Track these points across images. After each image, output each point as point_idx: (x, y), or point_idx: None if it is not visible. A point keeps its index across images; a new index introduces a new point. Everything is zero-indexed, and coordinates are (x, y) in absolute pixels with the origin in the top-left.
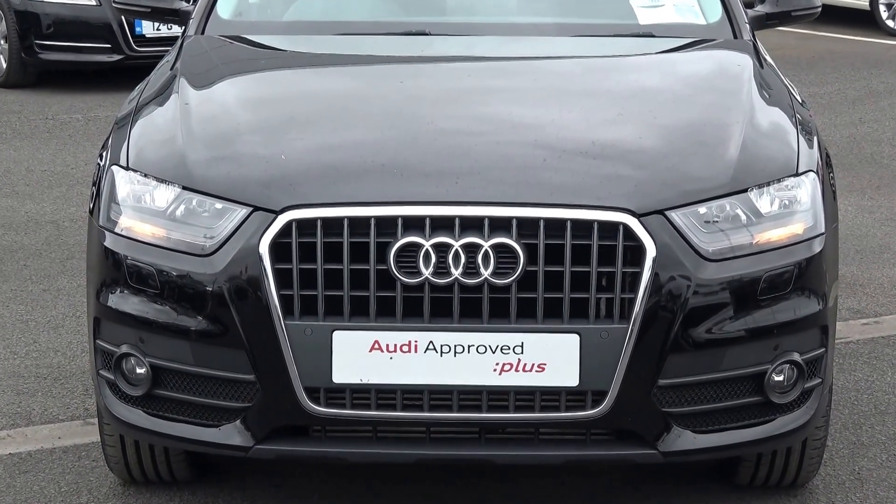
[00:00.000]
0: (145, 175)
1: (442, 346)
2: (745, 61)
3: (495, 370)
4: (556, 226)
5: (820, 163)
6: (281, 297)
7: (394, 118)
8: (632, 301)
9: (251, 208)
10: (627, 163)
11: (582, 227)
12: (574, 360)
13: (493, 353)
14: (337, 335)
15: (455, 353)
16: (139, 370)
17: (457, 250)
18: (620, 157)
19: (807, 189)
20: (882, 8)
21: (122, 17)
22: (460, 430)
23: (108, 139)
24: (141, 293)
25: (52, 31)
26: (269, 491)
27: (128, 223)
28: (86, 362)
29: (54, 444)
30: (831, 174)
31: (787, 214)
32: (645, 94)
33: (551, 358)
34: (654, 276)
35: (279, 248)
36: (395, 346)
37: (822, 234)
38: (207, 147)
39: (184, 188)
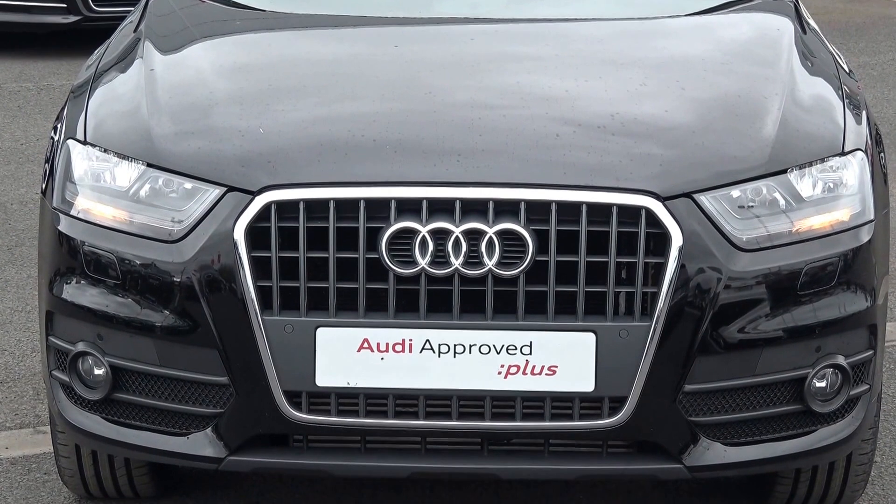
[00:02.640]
0: (105, 150)
1: (440, 345)
2: (786, 26)
3: (500, 373)
4: (569, 210)
5: (869, 141)
6: (258, 288)
7: (387, 88)
8: (655, 296)
9: (225, 188)
10: (651, 140)
11: (599, 211)
12: (589, 362)
13: (498, 353)
14: (321, 332)
15: (455, 353)
16: (97, 371)
17: (457, 237)
18: (643, 133)
19: (854, 170)
20: None
21: None
22: (460, 441)
23: (62, 110)
24: (100, 284)
25: None
26: None
27: (85, 205)
28: (37, 362)
29: (1, 455)
30: (882, 154)
31: (832, 199)
32: (672, 62)
33: (563, 359)
34: (681, 267)
35: (256, 234)
36: (387, 345)
37: (871, 221)
38: (175, 119)
39: (149, 165)
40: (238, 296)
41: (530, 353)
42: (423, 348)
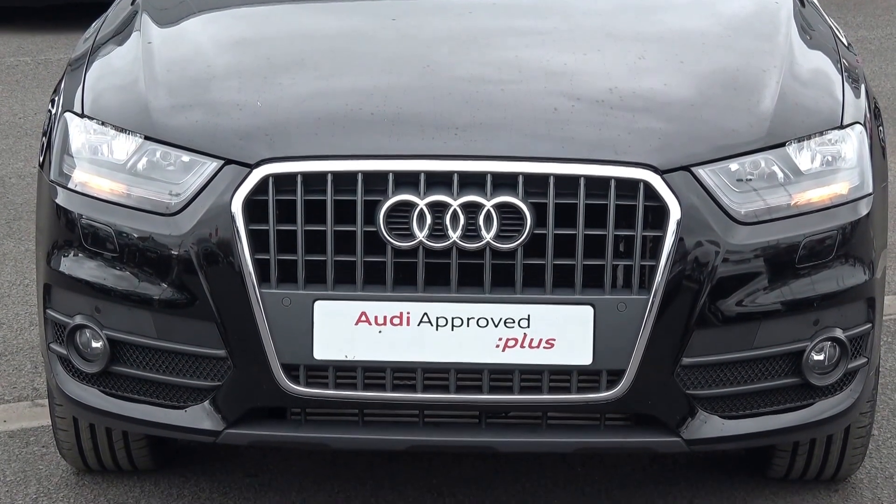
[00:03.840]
0: (103, 123)
1: (438, 318)
2: None
3: (498, 346)
4: (567, 183)
5: (868, 115)
6: (256, 262)
7: (385, 62)
8: (653, 269)
9: (222, 161)
10: (650, 113)
11: (597, 184)
12: (587, 335)
13: (496, 326)
14: (319, 306)
15: (452, 326)
16: (95, 344)
17: (455, 210)
18: (642, 106)
19: (852, 143)
20: None
21: None
22: (458, 414)
23: (60, 83)
24: (97, 257)
25: None
26: (241, 481)
27: (83, 178)
28: (35, 336)
29: None
30: (880, 127)
31: (830, 172)
32: (670, 36)
33: (561, 333)
34: (679, 240)
35: (254, 207)
36: (385, 318)
37: (870, 194)
38: (173, 92)
39: (146, 138)
40: (236, 269)
41: (528, 327)
42: (420, 321)
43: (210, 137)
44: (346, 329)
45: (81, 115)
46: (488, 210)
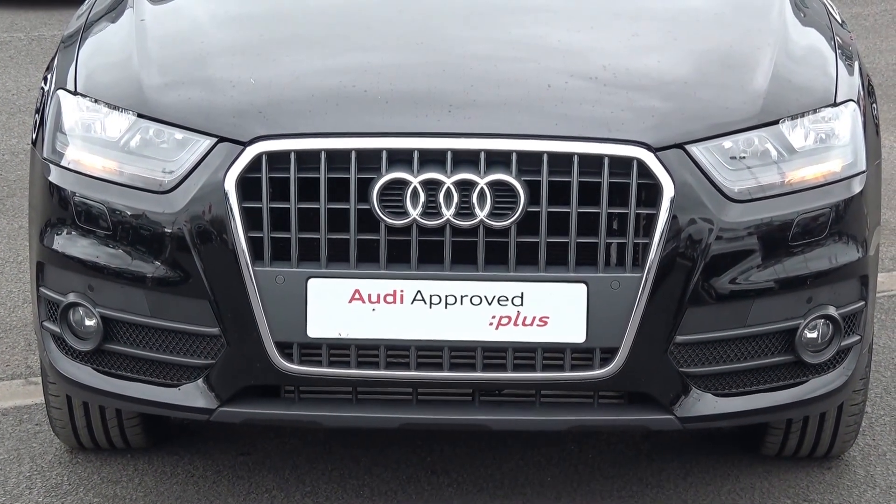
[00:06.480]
0: (96, 101)
1: (431, 296)
2: None
3: (491, 324)
4: (561, 161)
5: (861, 92)
6: (249, 239)
7: (379, 39)
8: (646, 246)
9: (216, 139)
10: (643, 91)
11: (591, 162)
12: (581, 312)
13: (490, 304)
14: (312, 283)
15: (446, 304)
16: (88, 322)
17: (448, 188)
18: (635, 84)
19: (846, 121)
20: None
21: None
22: (451, 392)
23: (53, 60)
24: (90, 235)
25: None
26: (235, 460)
27: (76, 155)
28: (28, 313)
29: None
30: (874, 105)
31: (824, 150)
32: (664, 14)
33: (555, 310)
34: (672, 218)
35: (247, 185)
36: (379, 296)
37: (863, 172)
38: (166, 69)
39: (139, 116)
40: (229, 246)
41: (522, 304)
42: (414, 299)
43: (203, 115)
44: (340, 307)
45: (74, 93)
46: (482, 188)
